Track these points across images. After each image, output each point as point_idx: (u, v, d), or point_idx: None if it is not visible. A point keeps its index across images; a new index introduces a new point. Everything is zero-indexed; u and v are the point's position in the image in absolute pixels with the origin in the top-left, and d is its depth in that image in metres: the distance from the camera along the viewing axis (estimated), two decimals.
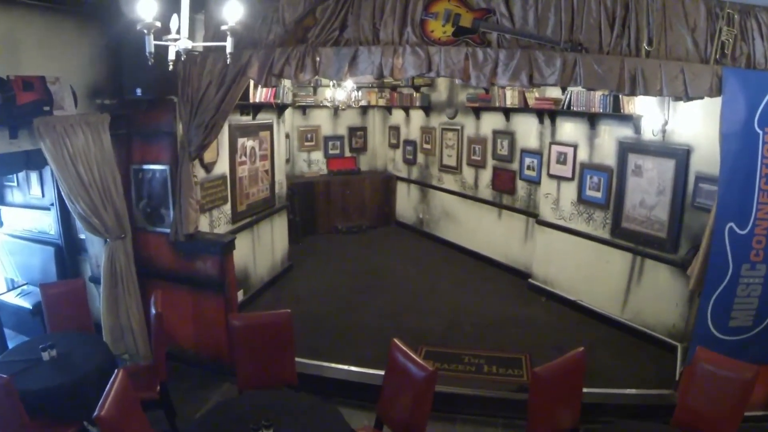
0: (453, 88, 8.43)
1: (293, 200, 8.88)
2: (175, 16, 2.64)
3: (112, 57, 4.72)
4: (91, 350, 4.10)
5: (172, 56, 2.72)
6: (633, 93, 3.81)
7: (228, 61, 2.73)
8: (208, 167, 5.39)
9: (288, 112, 8.98)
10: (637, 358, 5.20)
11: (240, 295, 6.14)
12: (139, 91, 4.61)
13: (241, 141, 6.01)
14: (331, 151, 10.09)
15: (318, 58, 3.97)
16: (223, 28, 2.56)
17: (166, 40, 2.66)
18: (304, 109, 9.59)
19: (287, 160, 9.31)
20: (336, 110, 9.68)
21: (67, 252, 5.67)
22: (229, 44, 2.60)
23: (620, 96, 5.39)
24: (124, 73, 4.68)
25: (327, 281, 7.26)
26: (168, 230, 4.94)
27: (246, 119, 6.15)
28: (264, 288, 6.77)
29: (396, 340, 3.23)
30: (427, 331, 5.75)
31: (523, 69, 3.59)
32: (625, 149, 5.59)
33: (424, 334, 5.65)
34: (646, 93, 3.80)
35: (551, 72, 3.61)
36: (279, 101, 6.57)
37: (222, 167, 5.67)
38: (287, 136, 9.21)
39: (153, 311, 4.03)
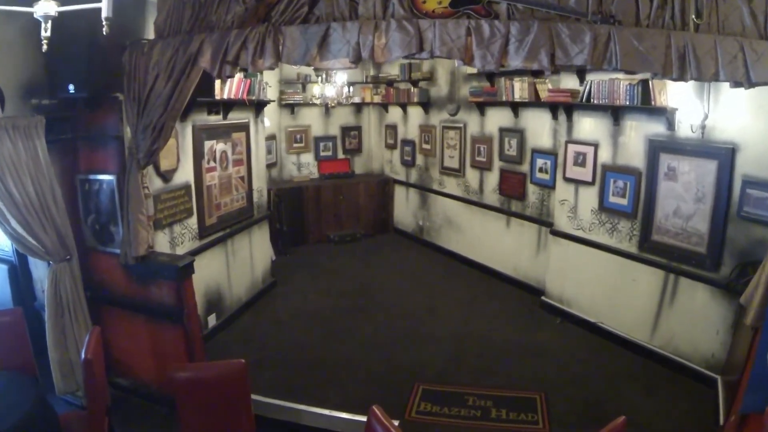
0: (454, 81, 7.64)
1: (280, 208, 8.12)
2: None
3: (50, 49, 3.95)
4: (21, 397, 3.36)
5: (45, 33, 1.94)
6: (682, 77, 2.99)
7: (105, 30, 1.91)
8: (166, 176, 4.61)
9: (274, 111, 8.29)
10: (669, 394, 4.44)
11: (212, 320, 5.42)
12: (71, 88, 3.90)
13: (208, 144, 5.21)
14: (322, 153, 9.32)
15: (281, 40, 3.18)
16: None
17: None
18: (292, 108, 8.82)
19: (274, 164, 8.58)
20: (327, 108, 8.93)
21: (22, 272, 4.97)
22: (105, 6, 1.79)
23: (650, 85, 4.60)
24: (56, 67, 3.93)
25: (314, 300, 6.47)
26: (119, 251, 4.21)
27: (215, 119, 5.35)
28: (241, 310, 5.99)
29: (376, 409, 2.43)
30: (425, 363, 4.94)
31: (542, 46, 2.77)
32: (656, 148, 4.78)
33: (421, 368, 4.85)
34: (699, 77, 2.99)
35: (579, 50, 2.81)
36: (254, 98, 5.76)
37: (184, 175, 4.89)
38: (273, 137, 8.48)
39: (82, 356, 3.28)
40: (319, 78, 7.23)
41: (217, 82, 5.03)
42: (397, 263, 7.97)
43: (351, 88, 7.55)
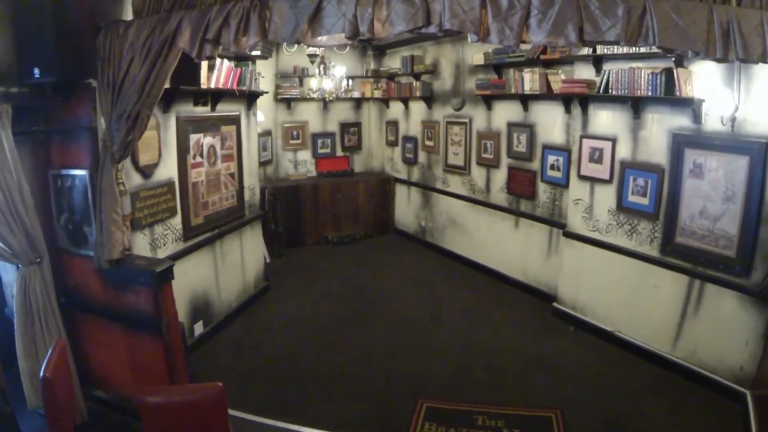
0: (459, 74, 7.24)
1: (275, 207, 7.73)
2: None
3: (16, 30, 3.61)
4: None
5: None
6: (726, 57, 2.62)
7: None
8: (145, 171, 4.22)
9: (270, 105, 7.93)
10: (694, 410, 4.08)
11: (199, 327, 5.04)
12: (36, 72, 3.53)
13: (194, 137, 4.82)
14: (320, 150, 8.93)
15: (268, 15, 2.79)
16: None
17: None
18: (288, 103, 8.43)
19: (269, 161, 8.21)
20: (325, 103, 8.55)
21: None
22: None
23: (675, 74, 4.22)
24: (23, 50, 3.56)
25: (309, 307, 6.07)
26: (93, 253, 3.84)
27: (202, 110, 4.95)
28: (231, 316, 5.60)
29: None
30: (429, 377, 4.54)
31: (569, 19, 2.39)
32: (680, 143, 4.39)
33: (425, 382, 4.46)
34: (746, 57, 2.62)
35: (611, 24, 2.42)
36: (244, 88, 5.35)
37: (167, 171, 4.49)
38: (269, 133, 8.10)
39: (41, 374, 2.90)
40: (317, 71, 6.84)
41: (204, 70, 4.65)
42: (398, 266, 7.57)
43: (350, 82, 7.16)
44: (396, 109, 8.91)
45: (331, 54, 7.01)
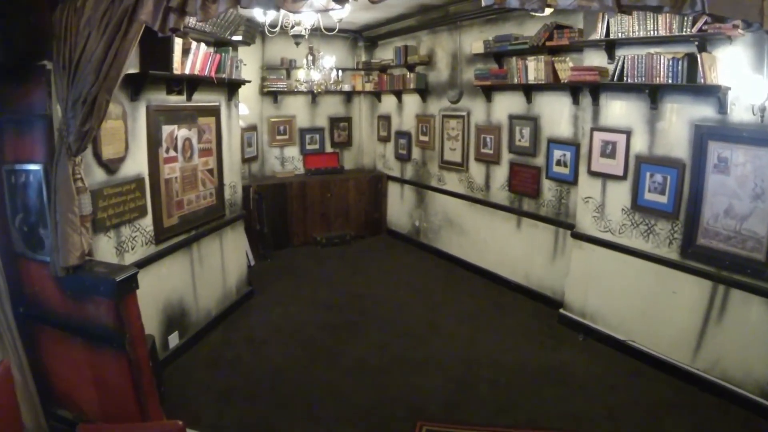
0: (456, 64, 6.83)
1: (261, 206, 7.29)
2: None
3: None
4: None
5: None
6: None
7: None
8: (110, 165, 3.75)
9: (255, 99, 7.52)
10: (718, 428, 3.72)
11: (174, 339, 4.60)
12: None
13: (167, 129, 4.35)
14: (308, 147, 8.48)
15: None
16: None
17: None
18: (275, 96, 7.97)
19: (255, 158, 7.77)
20: (313, 97, 8.12)
21: None
22: None
23: (699, 59, 3.83)
24: None
25: (295, 314, 5.62)
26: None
27: (176, 99, 4.48)
28: (211, 325, 5.14)
29: None
30: (427, 395, 4.11)
31: None
32: (703, 136, 4.02)
33: (423, 400, 4.03)
34: None
35: None
36: (224, 75, 4.88)
37: (136, 166, 4.02)
38: (254, 128, 7.66)
39: None
40: (305, 61, 6.40)
41: (178, 54, 4.17)
42: (391, 269, 7.15)
43: (340, 73, 6.72)
44: (388, 102, 8.49)
45: (320, 40, 6.55)
